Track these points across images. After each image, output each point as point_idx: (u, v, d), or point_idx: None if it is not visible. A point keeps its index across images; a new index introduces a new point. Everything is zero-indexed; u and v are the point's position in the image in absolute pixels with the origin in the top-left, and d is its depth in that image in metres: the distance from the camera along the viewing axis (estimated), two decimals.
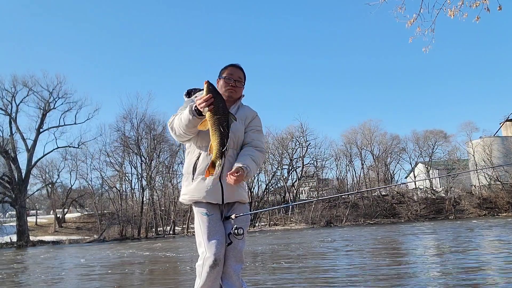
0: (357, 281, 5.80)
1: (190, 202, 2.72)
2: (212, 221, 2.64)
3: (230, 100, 2.80)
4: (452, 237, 14.07)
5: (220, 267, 2.56)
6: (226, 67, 2.86)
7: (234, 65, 2.85)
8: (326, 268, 7.69)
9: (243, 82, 2.85)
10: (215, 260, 2.53)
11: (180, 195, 2.84)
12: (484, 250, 9.39)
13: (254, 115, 2.87)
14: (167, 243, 22.88)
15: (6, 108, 35.61)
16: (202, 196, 2.65)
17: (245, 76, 2.87)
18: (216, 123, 2.39)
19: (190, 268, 9.08)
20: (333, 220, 39.56)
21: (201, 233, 2.62)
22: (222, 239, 2.61)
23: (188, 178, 2.75)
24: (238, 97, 2.85)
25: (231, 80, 2.78)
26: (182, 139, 2.75)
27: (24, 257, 18.54)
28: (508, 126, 46.79)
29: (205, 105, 2.37)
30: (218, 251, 2.55)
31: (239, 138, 2.76)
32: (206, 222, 2.64)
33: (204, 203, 2.68)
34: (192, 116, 2.50)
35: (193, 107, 2.49)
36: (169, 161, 42.33)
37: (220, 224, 2.66)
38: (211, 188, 2.65)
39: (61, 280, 8.71)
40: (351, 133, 47.99)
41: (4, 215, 41.28)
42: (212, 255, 2.54)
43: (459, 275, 5.69)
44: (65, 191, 44.34)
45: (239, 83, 2.81)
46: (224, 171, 2.62)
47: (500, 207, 39.41)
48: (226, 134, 2.40)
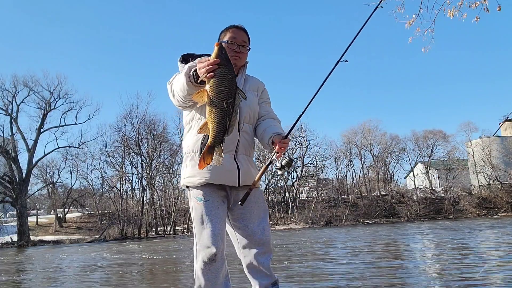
0: (356, 278, 5.85)
1: (200, 185, 2.31)
2: (208, 208, 2.26)
3: (235, 68, 2.29)
4: (451, 237, 14.12)
5: (220, 262, 2.22)
6: (227, 28, 2.40)
7: (236, 26, 2.39)
8: (326, 267, 7.74)
9: (248, 46, 2.40)
10: (209, 254, 2.17)
11: (182, 178, 2.44)
12: (484, 250, 9.44)
13: (263, 86, 2.55)
14: (167, 243, 22.93)
15: (7, 108, 35.74)
16: (218, 178, 2.27)
17: (249, 38, 2.41)
18: (219, 96, 1.86)
19: (190, 269, 9.14)
20: (333, 220, 39.61)
21: (194, 223, 2.27)
22: (221, 228, 2.26)
23: (194, 157, 2.33)
24: (242, 65, 2.43)
25: (235, 45, 2.34)
26: (181, 105, 2.31)
27: (25, 257, 18.58)
28: (508, 126, 46.86)
29: (207, 71, 1.88)
30: (214, 243, 2.18)
31: (255, 111, 2.42)
32: (199, 209, 2.27)
33: (201, 187, 2.30)
34: (187, 81, 2.03)
35: (191, 71, 2.04)
36: (170, 161, 42.42)
37: (220, 211, 2.28)
38: (227, 167, 2.27)
39: (61, 280, 8.76)
40: (350, 133, 48.11)
41: (4, 215, 41.30)
42: (205, 248, 2.19)
43: (459, 275, 5.75)
44: (65, 191, 44.36)
45: (243, 48, 2.37)
46: (239, 149, 2.33)
47: (500, 207, 39.47)
48: (229, 113, 1.89)
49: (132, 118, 40.52)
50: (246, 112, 2.35)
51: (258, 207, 2.40)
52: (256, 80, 2.53)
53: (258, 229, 2.37)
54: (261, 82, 2.55)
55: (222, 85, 1.86)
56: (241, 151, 2.34)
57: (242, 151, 2.35)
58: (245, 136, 2.36)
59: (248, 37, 2.41)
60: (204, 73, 1.89)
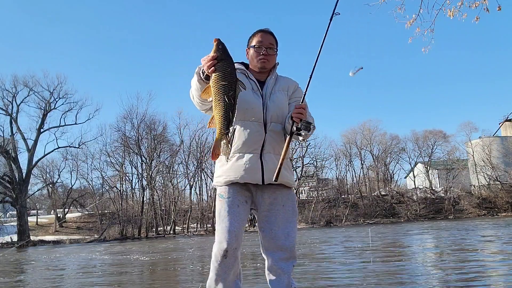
0: (356, 278, 5.85)
1: (226, 184, 2.36)
2: (228, 205, 2.33)
3: (264, 71, 2.47)
4: (451, 237, 14.12)
5: (232, 259, 2.27)
6: (254, 33, 2.49)
7: (263, 30, 2.48)
8: (326, 268, 7.74)
9: (276, 48, 2.50)
10: (224, 249, 2.24)
11: (214, 180, 2.49)
12: (483, 250, 9.44)
13: (296, 86, 2.56)
14: (167, 243, 22.92)
15: (7, 108, 35.68)
16: (240, 176, 2.31)
17: (277, 41, 2.52)
18: (221, 91, 1.97)
19: (190, 269, 9.14)
20: (333, 220, 39.62)
21: (216, 218, 2.36)
22: (237, 226, 2.31)
23: (221, 159, 2.37)
24: (272, 67, 2.51)
25: (262, 48, 2.43)
26: (201, 108, 2.35)
27: (25, 256, 18.58)
28: (507, 126, 46.85)
29: (208, 66, 2.01)
30: (228, 239, 2.25)
31: (283, 110, 2.43)
32: (219, 205, 2.36)
33: (225, 186, 2.36)
34: (198, 79, 2.15)
35: (201, 68, 2.14)
36: (170, 161, 42.39)
37: (240, 209, 2.34)
38: (250, 166, 2.31)
39: (61, 280, 8.76)
40: (350, 133, 48.11)
41: (4, 215, 41.29)
42: (218, 243, 2.27)
43: (458, 275, 5.75)
44: (65, 191, 44.35)
45: (271, 51, 2.46)
46: (266, 147, 2.34)
47: (500, 207, 39.48)
48: (231, 105, 1.99)
49: (132, 118, 40.55)
50: (273, 111, 2.39)
51: (285, 211, 2.40)
52: (288, 80, 2.56)
53: (282, 234, 2.37)
54: (294, 82, 2.57)
55: (222, 79, 1.96)
56: (268, 150, 2.36)
57: (268, 149, 2.36)
58: (272, 135, 2.37)
59: (276, 39, 2.50)
60: (207, 69, 2.02)
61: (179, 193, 43.53)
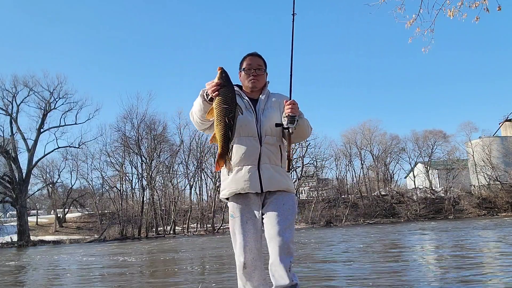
0: (356, 279, 5.85)
1: (230, 196, 2.64)
2: (238, 224, 2.61)
3: (255, 90, 2.73)
4: (451, 237, 14.12)
5: (251, 268, 2.56)
6: (244, 58, 2.77)
7: (251, 54, 2.75)
8: (326, 268, 7.74)
9: (264, 69, 2.75)
10: (240, 262, 2.58)
11: (220, 193, 2.77)
12: (483, 250, 9.44)
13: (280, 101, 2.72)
14: (166, 243, 22.92)
15: (7, 108, 35.70)
16: (240, 187, 2.57)
17: (265, 62, 2.76)
18: (222, 113, 2.28)
19: (190, 269, 9.14)
20: (333, 220, 39.62)
21: (231, 235, 2.68)
22: (249, 240, 2.58)
23: (224, 173, 2.66)
24: (262, 86, 2.76)
25: (251, 70, 2.70)
26: (200, 127, 2.67)
27: (25, 257, 18.58)
28: (507, 126, 46.86)
29: (212, 91, 2.32)
30: (244, 253, 2.56)
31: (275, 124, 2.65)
32: (231, 225, 2.66)
33: (233, 203, 2.64)
34: (203, 100, 2.45)
35: (205, 91, 2.44)
36: (169, 161, 42.41)
37: (248, 225, 2.60)
38: (249, 177, 2.55)
39: (61, 280, 8.76)
40: (350, 133, 48.13)
41: (4, 215, 41.29)
42: (238, 257, 2.60)
43: (458, 275, 5.74)
44: (65, 191, 44.36)
45: (259, 71, 2.72)
46: (262, 159, 2.57)
47: (500, 207, 39.49)
48: (230, 126, 2.29)
49: (132, 118, 40.58)
50: (266, 126, 2.63)
51: (284, 209, 2.58)
52: (279, 95, 2.76)
53: (280, 229, 2.52)
54: (285, 97, 2.73)
55: (224, 103, 2.28)
56: (264, 161, 2.58)
57: (265, 160, 2.58)
58: (267, 147, 2.60)
59: (264, 61, 2.76)
60: (211, 92, 2.33)
61: (179, 193, 43.53)
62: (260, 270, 2.60)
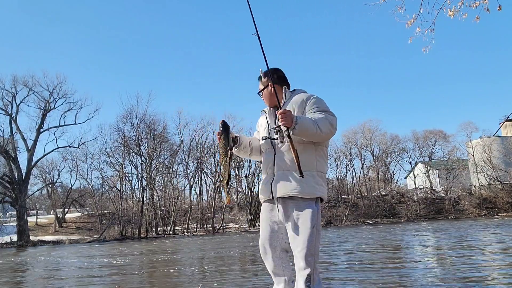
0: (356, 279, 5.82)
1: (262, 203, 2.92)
2: (260, 222, 2.90)
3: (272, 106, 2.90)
4: (451, 237, 14.10)
5: (268, 255, 2.77)
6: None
7: (258, 78, 2.97)
8: (326, 267, 7.72)
9: (267, 86, 2.88)
10: (260, 248, 2.82)
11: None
12: (484, 250, 9.41)
13: (306, 98, 2.75)
14: (166, 244, 22.89)
15: (7, 108, 35.66)
16: (260, 196, 2.87)
17: (266, 74, 2.87)
18: (221, 156, 2.84)
19: (190, 270, 9.11)
20: (333, 220, 39.59)
21: None
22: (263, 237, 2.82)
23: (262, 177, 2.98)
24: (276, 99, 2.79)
25: (260, 95, 2.95)
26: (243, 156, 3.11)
27: (24, 257, 18.56)
28: (508, 126, 46.80)
29: (218, 139, 2.82)
30: (262, 240, 2.81)
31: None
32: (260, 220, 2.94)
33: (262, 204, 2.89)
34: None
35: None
36: (169, 161, 42.39)
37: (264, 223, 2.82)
38: (264, 185, 2.79)
39: (61, 280, 8.73)
40: (351, 133, 48.07)
41: (4, 215, 41.26)
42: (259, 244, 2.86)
43: (458, 275, 5.72)
44: (65, 191, 44.34)
45: (266, 92, 2.89)
46: (276, 167, 2.71)
47: (500, 207, 39.45)
48: (226, 165, 2.78)
49: (132, 118, 40.54)
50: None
51: (296, 225, 2.60)
52: (297, 97, 2.80)
53: (294, 246, 2.61)
54: (303, 96, 2.76)
55: (221, 149, 2.82)
56: (278, 169, 2.70)
57: (278, 168, 2.70)
58: (280, 155, 2.71)
59: (264, 77, 2.89)
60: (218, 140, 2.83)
61: (179, 193, 43.51)
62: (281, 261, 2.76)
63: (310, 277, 2.47)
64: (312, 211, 2.58)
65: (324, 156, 2.77)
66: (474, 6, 5.75)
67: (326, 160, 2.79)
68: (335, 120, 2.66)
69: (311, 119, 2.56)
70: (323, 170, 2.72)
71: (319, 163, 2.69)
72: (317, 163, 2.68)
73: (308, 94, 2.78)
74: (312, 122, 2.53)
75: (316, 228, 2.56)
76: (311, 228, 2.54)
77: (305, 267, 2.49)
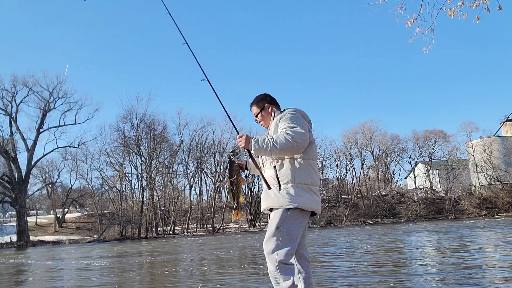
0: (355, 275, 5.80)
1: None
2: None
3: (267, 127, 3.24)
4: (451, 237, 14.07)
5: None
6: None
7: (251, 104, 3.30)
8: (326, 269, 7.70)
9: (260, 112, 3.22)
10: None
11: None
12: (484, 250, 9.39)
13: (277, 121, 3.01)
14: (166, 244, 22.87)
15: (6, 108, 35.66)
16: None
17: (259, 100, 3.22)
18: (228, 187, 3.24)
19: (190, 270, 9.09)
20: (333, 220, 39.56)
21: None
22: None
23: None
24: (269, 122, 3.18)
25: (256, 120, 3.28)
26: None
27: (24, 257, 18.54)
28: (508, 126, 46.76)
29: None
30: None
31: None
32: None
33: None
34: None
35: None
36: (169, 161, 42.35)
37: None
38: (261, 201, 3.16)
39: (60, 280, 8.71)
40: (351, 133, 48.03)
41: (4, 215, 41.27)
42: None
43: (458, 275, 5.70)
44: (65, 191, 44.33)
45: (260, 117, 3.23)
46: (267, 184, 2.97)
47: (500, 207, 39.42)
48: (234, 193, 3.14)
49: (131, 118, 40.49)
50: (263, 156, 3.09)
51: (270, 224, 2.93)
52: (276, 117, 3.03)
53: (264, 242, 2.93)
54: (280, 116, 3.01)
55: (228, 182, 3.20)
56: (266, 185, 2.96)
57: (267, 184, 2.95)
58: (266, 170, 3.03)
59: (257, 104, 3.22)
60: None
61: (179, 193, 43.48)
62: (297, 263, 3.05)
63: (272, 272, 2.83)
64: (281, 215, 2.84)
65: (306, 167, 2.89)
66: (474, 6, 5.72)
67: (309, 170, 2.91)
68: (298, 133, 2.79)
69: (267, 138, 2.82)
70: (305, 181, 2.86)
71: (298, 175, 2.86)
72: (296, 176, 2.85)
73: (284, 113, 2.99)
74: (268, 141, 2.79)
75: (282, 230, 2.81)
76: (275, 229, 2.83)
77: (270, 263, 2.82)
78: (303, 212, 2.87)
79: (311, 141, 2.96)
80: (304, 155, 2.89)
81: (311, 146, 2.95)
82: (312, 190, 2.89)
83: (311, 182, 2.89)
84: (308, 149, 2.91)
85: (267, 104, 3.18)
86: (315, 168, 2.97)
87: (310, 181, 2.89)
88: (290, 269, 2.80)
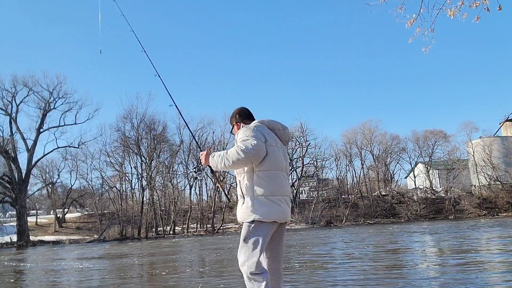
0: (357, 280, 5.81)
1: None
2: None
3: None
4: (451, 237, 14.08)
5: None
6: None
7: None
8: (326, 269, 7.70)
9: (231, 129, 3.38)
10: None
11: None
12: (484, 250, 9.39)
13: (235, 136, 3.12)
14: (166, 244, 22.86)
15: (6, 108, 35.57)
16: None
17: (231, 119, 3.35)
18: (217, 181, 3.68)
19: (190, 270, 9.09)
20: (333, 220, 39.56)
21: None
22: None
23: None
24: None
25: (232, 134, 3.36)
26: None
27: (24, 257, 18.54)
28: (508, 126, 46.77)
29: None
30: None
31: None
32: None
33: None
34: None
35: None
36: (169, 161, 42.31)
37: None
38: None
39: (60, 281, 8.71)
40: (351, 133, 47.98)
41: (4, 215, 41.24)
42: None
43: (458, 275, 5.70)
44: (65, 191, 44.28)
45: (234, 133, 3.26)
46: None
47: (500, 207, 39.41)
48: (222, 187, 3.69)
49: (132, 118, 40.41)
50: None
51: (240, 237, 2.99)
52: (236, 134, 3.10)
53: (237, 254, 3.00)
54: (238, 131, 3.08)
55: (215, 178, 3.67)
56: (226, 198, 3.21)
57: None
58: (239, 184, 3.04)
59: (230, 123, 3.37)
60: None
61: (179, 193, 43.47)
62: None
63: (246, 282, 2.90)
64: (246, 229, 2.93)
65: (266, 179, 2.93)
66: (474, 6, 5.72)
67: (270, 181, 2.94)
68: (249, 144, 2.84)
69: (222, 153, 2.96)
70: (264, 192, 2.90)
71: (257, 187, 2.92)
72: (256, 188, 2.91)
73: (243, 127, 3.08)
74: (222, 156, 2.93)
75: (248, 242, 2.89)
76: (242, 241, 2.93)
77: (243, 275, 2.90)
78: (265, 224, 2.89)
79: (273, 151, 2.97)
80: (265, 166, 2.92)
81: (273, 155, 2.96)
82: (273, 201, 2.90)
83: (271, 192, 2.91)
84: (268, 159, 2.92)
85: (235, 123, 3.32)
86: (278, 177, 2.97)
87: (270, 192, 2.91)
88: (261, 276, 2.88)
